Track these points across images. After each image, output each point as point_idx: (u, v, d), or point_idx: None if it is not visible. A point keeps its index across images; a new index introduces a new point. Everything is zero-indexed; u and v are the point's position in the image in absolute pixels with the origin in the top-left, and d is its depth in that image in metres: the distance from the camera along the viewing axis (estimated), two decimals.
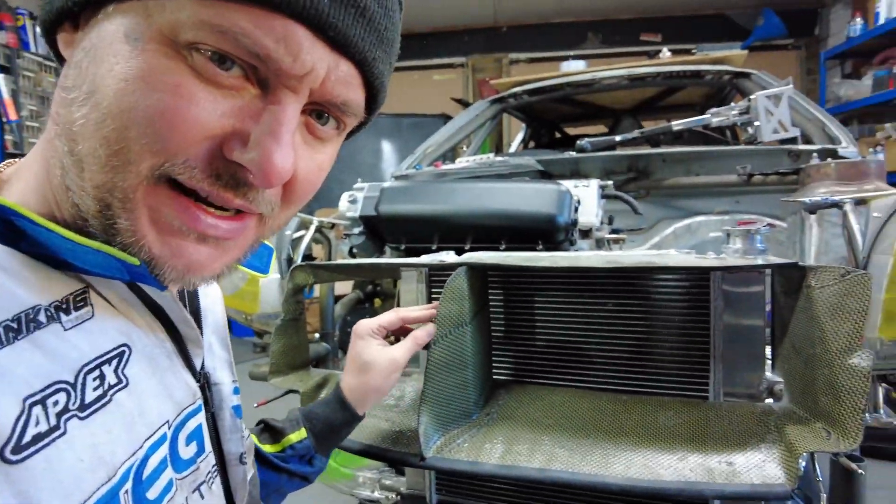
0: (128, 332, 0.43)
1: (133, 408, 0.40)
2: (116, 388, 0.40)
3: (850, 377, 0.83)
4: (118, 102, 0.37)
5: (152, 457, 0.41)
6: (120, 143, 0.37)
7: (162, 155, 0.38)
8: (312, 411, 0.82)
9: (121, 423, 0.39)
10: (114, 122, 0.37)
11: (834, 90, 4.45)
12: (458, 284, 0.97)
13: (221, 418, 0.55)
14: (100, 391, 0.38)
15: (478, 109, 2.69)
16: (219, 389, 0.55)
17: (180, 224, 0.41)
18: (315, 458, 0.80)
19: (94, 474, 0.36)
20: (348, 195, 1.54)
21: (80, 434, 0.36)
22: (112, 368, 0.40)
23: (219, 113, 0.39)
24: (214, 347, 0.57)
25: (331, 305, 1.59)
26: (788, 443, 0.89)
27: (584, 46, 6.05)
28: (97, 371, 0.38)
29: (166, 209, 0.40)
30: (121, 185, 0.38)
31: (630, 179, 1.91)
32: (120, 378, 0.40)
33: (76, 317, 0.39)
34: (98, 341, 0.39)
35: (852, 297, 0.85)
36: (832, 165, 1.33)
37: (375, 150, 5.18)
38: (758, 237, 1.02)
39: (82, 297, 0.40)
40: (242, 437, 0.58)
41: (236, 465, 0.56)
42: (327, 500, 2.43)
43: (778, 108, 1.82)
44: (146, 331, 0.45)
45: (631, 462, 0.90)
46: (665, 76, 2.50)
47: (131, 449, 0.39)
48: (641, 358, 1.10)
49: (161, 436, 0.43)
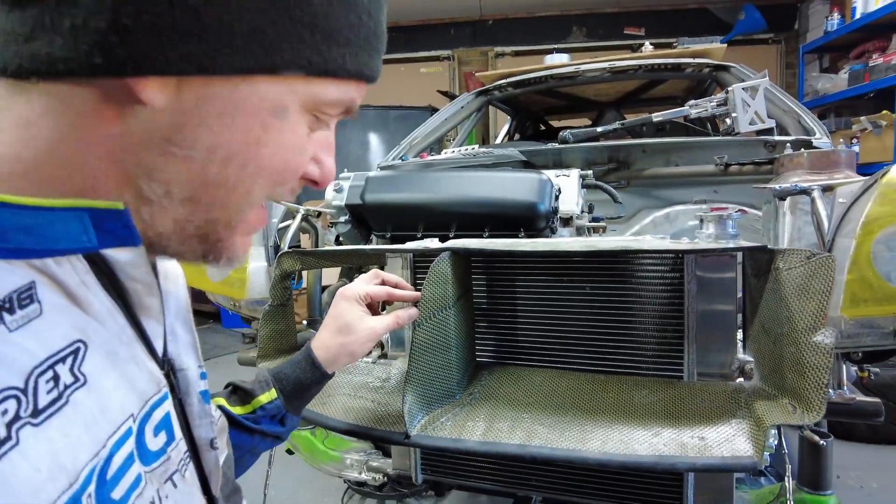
0: (82, 327, 0.40)
1: (93, 406, 0.38)
2: (73, 388, 0.37)
3: (814, 354, 0.87)
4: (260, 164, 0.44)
5: (117, 454, 0.39)
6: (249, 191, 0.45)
7: (273, 191, 0.48)
8: (282, 372, 0.82)
9: (80, 425, 0.37)
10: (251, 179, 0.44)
11: (812, 84, 4.53)
12: (442, 269, 1.00)
13: (189, 404, 0.53)
14: (54, 393, 0.36)
15: (463, 101, 2.72)
16: (184, 375, 0.53)
17: (256, 227, 0.49)
18: (286, 416, 0.80)
19: (55, 483, 0.34)
20: (334, 184, 1.56)
21: (34, 442, 0.33)
22: (67, 367, 0.37)
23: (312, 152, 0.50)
24: (178, 331, 0.54)
25: (318, 293, 1.61)
26: (757, 418, 0.93)
27: (568, 40, 6.10)
28: (50, 372, 0.36)
29: (255, 221, 0.49)
30: (235, 217, 0.46)
31: (611, 170, 1.95)
32: (76, 376, 0.38)
33: (22, 316, 0.36)
34: (48, 340, 0.37)
35: (817, 278, 0.89)
36: (804, 155, 1.38)
37: (363, 142, 5.19)
38: (730, 222, 1.06)
39: (28, 293, 0.37)
40: (212, 421, 0.56)
41: (208, 451, 0.54)
42: (315, 483, 2.47)
43: (755, 100, 1.87)
44: (105, 317, 0.42)
45: (608, 438, 0.94)
46: (647, 69, 2.54)
47: (94, 450, 0.37)
48: (618, 340, 1.14)
49: (126, 431, 0.41)
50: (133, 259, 0.44)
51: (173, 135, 0.41)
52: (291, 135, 0.46)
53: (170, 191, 0.42)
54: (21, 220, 0.37)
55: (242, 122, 0.42)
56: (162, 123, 0.40)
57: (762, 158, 1.74)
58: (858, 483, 2.34)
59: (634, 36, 5.90)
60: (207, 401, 0.56)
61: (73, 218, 0.40)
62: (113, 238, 0.42)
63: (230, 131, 0.42)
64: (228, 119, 0.41)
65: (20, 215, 0.38)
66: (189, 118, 0.40)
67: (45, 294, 0.38)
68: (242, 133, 0.42)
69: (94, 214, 0.40)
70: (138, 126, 0.40)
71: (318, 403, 1.07)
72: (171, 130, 0.40)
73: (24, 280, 0.37)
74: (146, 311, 0.47)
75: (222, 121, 0.41)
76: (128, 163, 0.41)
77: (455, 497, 2.32)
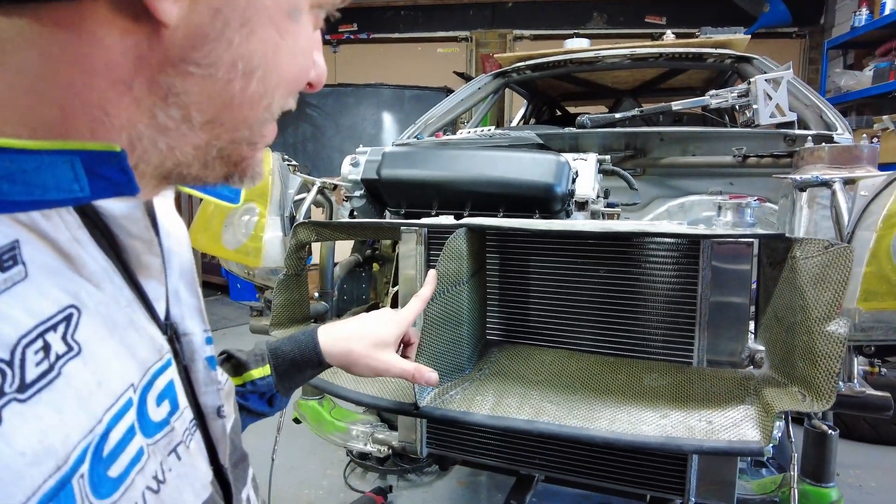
0: (75, 290, 0.36)
1: (89, 378, 0.35)
2: (66, 359, 0.34)
3: (827, 343, 0.87)
4: (280, 73, 0.42)
5: (115, 428, 0.36)
6: (270, 105, 0.43)
7: (287, 101, 0.46)
8: (280, 348, 0.78)
9: (73, 399, 0.33)
10: (273, 91, 0.42)
11: (835, 80, 4.46)
12: (458, 244, 1.01)
13: (194, 371, 0.50)
14: (45, 365, 0.32)
15: (480, 83, 2.70)
16: (189, 340, 0.50)
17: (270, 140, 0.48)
18: (275, 397, 0.77)
19: (40, 468, 0.30)
20: (350, 158, 1.56)
21: (20, 422, 0.30)
22: (59, 336, 0.33)
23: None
24: (182, 294, 0.50)
25: (331, 266, 1.62)
26: (765, 404, 0.93)
27: (588, 26, 6.02)
28: (39, 342, 0.32)
29: (269, 133, 0.47)
30: (258, 133, 0.44)
31: (627, 157, 1.93)
32: (70, 345, 0.34)
33: (4, 279, 0.32)
34: (36, 306, 0.33)
35: (834, 268, 0.89)
36: (825, 149, 1.36)
37: (376, 121, 5.17)
38: (748, 210, 1.05)
39: (10, 254, 0.33)
40: (219, 388, 0.52)
41: (215, 419, 0.51)
42: (318, 454, 2.51)
43: (777, 93, 1.84)
44: (101, 278, 0.38)
45: (615, 418, 0.95)
46: (667, 57, 2.51)
47: (88, 426, 0.34)
48: (630, 323, 1.14)
49: (125, 402, 0.37)
50: (129, 211, 0.40)
51: (191, 53, 0.37)
52: (303, 37, 0.44)
53: (189, 115, 0.39)
54: (3, 167, 0.33)
55: (262, 30, 0.39)
56: (177, 41, 0.36)
57: (781, 151, 1.72)
58: (857, 482, 2.35)
59: (655, 24, 5.82)
60: (214, 367, 0.53)
61: (63, 162, 0.35)
62: (108, 185, 0.37)
63: (250, 42, 0.39)
64: (247, 29, 0.38)
65: (1, 160, 0.33)
66: (207, 32, 0.37)
67: (31, 254, 0.34)
68: (262, 42, 0.40)
69: (87, 158, 0.36)
70: (150, 47, 0.36)
71: (329, 373, 1.08)
72: (187, 49, 0.37)
73: (5, 239, 0.33)
74: (146, 270, 0.43)
75: (242, 32, 0.38)
76: (139, 90, 0.37)
77: (456, 474, 2.35)
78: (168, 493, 0.41)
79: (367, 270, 1.87)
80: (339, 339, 0.79)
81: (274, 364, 0.76)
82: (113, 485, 0.35)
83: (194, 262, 0.55)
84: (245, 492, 0.56)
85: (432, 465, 2.22)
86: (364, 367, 0.80)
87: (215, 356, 0.54)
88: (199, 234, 1.54)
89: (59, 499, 0.31)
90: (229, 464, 0.52)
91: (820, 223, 1.28)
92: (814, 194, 1.26)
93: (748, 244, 1.03)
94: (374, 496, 2.09)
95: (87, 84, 0.35)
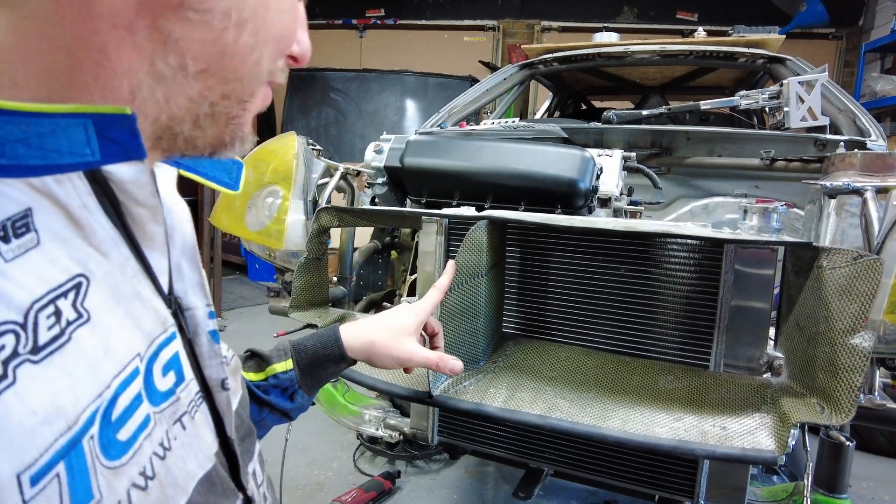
0: (83, 260, 0.36)
1: (97, 345, 0.35)
2: (76, 325, 0.34)
3: (849, 356, 0.86)
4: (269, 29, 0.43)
5: (123, 394, 0.37)
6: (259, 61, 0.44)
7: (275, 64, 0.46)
8: (302, 343, 0.79)
9: (84, 363, 0.34)
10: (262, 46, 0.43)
11: (870, 84, 4.35)
12: (478, 237, 1.01)
13: (198, 344, 0.51)
14: (56, 329, 0.33)
15: (506, 73, 2.68)
16: (192, 315, 0.51)
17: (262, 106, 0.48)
18: (297, 393, 0.77)
19: (51, 426, 0.31)
20: (374, 145, 1.56)
21: (33, 382, 0.31)
22: (69, 302, 0.34)
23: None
24: (184, 269, 0.51)
25: (350, 251, 1.63)
26: (782, 414, 0.92)
27: (618, 20, 5.93)
28: (51, 307, 0.33)
29: (263, 99, 0.48)
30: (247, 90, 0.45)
31: (653, 155, 1.91)
32: (80, 312, 0.35)
33: (18, 245, 0.32)
34: (47, 273, 0.34)
35: (862, 280, 0.87)
36: (858, 155, 1.33)
37: (399, 108, 5.16)
38: (774, 216, 1.04)
39: (23, 221, 0.33)
40: (223, 362, 0.53)
41: (220, 392, 0.52)
42: (328, 436, 2.54)
43: (810, 96, 1.80)
44: (109, 247, 0.39)
45: (628, 418, 0.95)
46: (697, 55, 2.47)
47: (97, 390, 0.35)
48: (648, 324, 1.13)
49: (132, 371, 0.38)
50: (137, 177, 0.41)
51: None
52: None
53: (185, 63, 0.40)
54: (18, 130, 0.33)
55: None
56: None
57: (811, 156, 1.69)
58: (870, 494, 2.32)
59: (686, 21, 5.71)
60: (217, 341, 0.54)
61: (77, 125, 0.35)
62: (117, 149, 0.37)
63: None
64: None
65: (16, 123, 0.33)
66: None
67: (43, 221, 0.34)
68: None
69: (98, 121, 0.36)
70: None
71: None
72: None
73: (19, 206, 0.33)
74: (150, 241, 0.44)
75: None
76: (140, 35, 0.37)
77: (464, 463, 2.37)
78: (173, 461, 0.41)
79: (386, 258, 1.88)
80: (360, 332, 0.80)
81: (296, 358, 0.77)
82: (122, 447, 0.36)
83: (196, 239, 0.56)
84: (251, 465, 0.56)
85: (441, 452, 2.24)
86: (386, 358, 0.80)
87: (217, 330, 0.55)
88: (222, 213, 1.56)
89: (70, 457, 0.32)
90: (236, 437, 0.53)
91: (847, 231, 1.26)
92: (843, 202, 1.24)
93: (773, 250, 1.02)
94: (383, 480, 2.11)
95: (91, 28, 0.35)
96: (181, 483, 0.42)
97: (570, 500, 2.15)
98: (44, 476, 0.31)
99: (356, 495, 1.99)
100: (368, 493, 2.03)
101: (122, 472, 0.36)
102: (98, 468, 0.34)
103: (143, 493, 0.37)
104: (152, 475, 0.39)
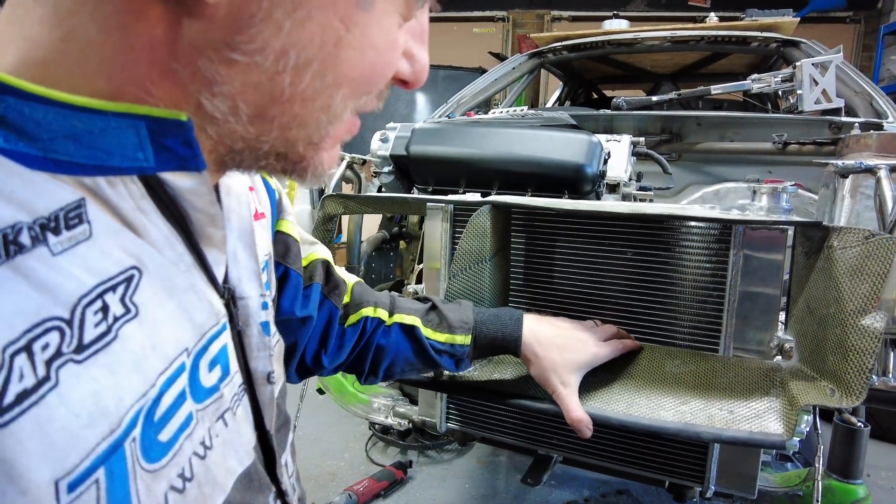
0: (137, 252, 0.35)
1: (144, 341, 0.34)
2: (123, 321, 0.33)
3: (860, 337, 0.84)
4: (341, 70, 0.37)
5: (167, 393, 0.35)
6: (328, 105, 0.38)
7: (360, 101, 0.41)
8: (485, 325, 0.81)
9: (129, 362, 0.33)
10: (331, 90, 0.38)
11: (890, 68, 4.26)
12: (481, 222, 1.00)
13: (248, 336, 0.49)
14: (103, 327, 0.32)
15: (515, 62, 2.66)
16: (245, 304, 0.48)
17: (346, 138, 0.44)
18: (464, 362, 0.81)
19: (94, 430, 0.30)
20: (380, 134, 1.56)
21: (76, 383, 0.30)
22: (118, 297, 0.33)
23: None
24: (239, 255, 0.48)
25: (358, 241, 1.63)
26: (791, 397, 0.91)
27: (628, 8, 5.86)
28: (99, 302, 0.32)
29: (344, 133, 0.43)
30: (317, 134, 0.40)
31: (663, 141, 1.89)
32: (128, 307, 0.33)
33: (69, 237, 0.31)
34: (98, 266, 0.32)
35: (874, 260, 0.85)
36: (873, 136, 1.30)
37: (409, 101, 5.15)
38: (784, 196, 1.02)
39: (76, 212, 0.32)
40: (271, 354, 0.51)
41: (264, 385, 0.50)
42: (340, 427, 2.55)
43: (824, 78, 1.76)
44: (163, 244, 0.38)
45: (633, 402, 0.94)
46: (709, 40, 2.43)
47: (142, 390, 0.33)
48: (655, 308, 1.12)
49: (178, 367, 0.37)
50: (196, 187, 0.38)
51: (234, 37, 0.33)
52: (379, 30, 0.38)
53: (236, 107, 0.36)
54: (69, 125, 0.32)
55: (320, 16, 0.35)
56: (220, 23, 0.33)
57: (825, 139, 1.65)
58: (890, 484, 2.29)
59: (698, 7, 5.62)
60: (268, 332, 0.51)
61: (129, 127, 0.34)
62: (173, 158, 0.36)
63: (304, 29, 0.34)
64: (301, 13, 0.34)
65: (68, 118, 0.32)
66: (253, 15, 0.33)
67: (97, 214, 0.33)
68: (320, 31, 0.35)
69: (153, 125, 0.35)
70: (191, 27, 0.33)
71: None
72: (231, 31, 0.33)
73: (73, 196, 0.32)
74: (208, 240, 0.42)
75: (294, 16, 0.34)
76: (182, 74, 0.34)
77: (476, 452, 2.37)
78: (213, 460, 0.40)
79: (394, 248, 1.88)
80: (542, 343, 0.82)
81: (475, 336, 0.80)
82: (163, 449, 0.35)
83: (253, 223, 0.52)
84: (284, 457, 0.55)
85: (452, 442, 2.24)
86: (540, 376, 0.83)
87: (269, 322, 0.52)
88: None
89: (111, 462, 0.31)
90: (273, 429, 0.52)
91: (862, 214, 1.23)
92: (857, 183, 1.21)
93: (782, 231, 1.00)
94: (395, 470, 2.13)
95: (131, 59, 0.34)
96: (220, 481, 0.41)
97: (581, 489, 2.14)
98: (82, 482, 0.29)
99: (368, 485, 2.01)
100: (380, 483, 2.05)
101: (161, 474, 0.34)
102: (138, 472, 0.33)
103: (181, 495, 0.36)
104: (191, 476, 0.37)
